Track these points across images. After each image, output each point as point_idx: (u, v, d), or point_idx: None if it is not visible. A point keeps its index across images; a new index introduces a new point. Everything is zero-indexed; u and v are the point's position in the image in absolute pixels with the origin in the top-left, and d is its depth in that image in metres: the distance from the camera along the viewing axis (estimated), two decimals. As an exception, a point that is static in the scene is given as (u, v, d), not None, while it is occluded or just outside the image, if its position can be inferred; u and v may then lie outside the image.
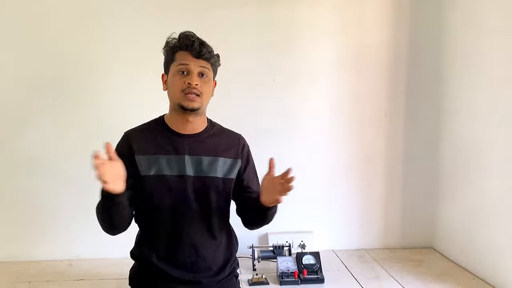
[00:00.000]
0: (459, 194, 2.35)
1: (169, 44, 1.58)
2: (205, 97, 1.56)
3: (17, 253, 2.37)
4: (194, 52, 1.53)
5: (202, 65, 1.54)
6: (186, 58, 1.53)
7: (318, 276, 2.07)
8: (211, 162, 1.59)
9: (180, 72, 1.53)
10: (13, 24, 2.31)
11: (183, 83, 1.52)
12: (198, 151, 1.59)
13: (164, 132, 1.60)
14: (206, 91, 1.56)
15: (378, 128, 2.55)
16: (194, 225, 1.59)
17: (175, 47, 1.56)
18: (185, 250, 1.58)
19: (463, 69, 2.32)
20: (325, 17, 2.47)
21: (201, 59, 1.54)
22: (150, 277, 1.61)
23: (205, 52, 1.54)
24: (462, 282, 2.10)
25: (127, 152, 1.56)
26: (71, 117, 2.38)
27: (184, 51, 1.54)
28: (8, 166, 2.36)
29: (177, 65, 1.54)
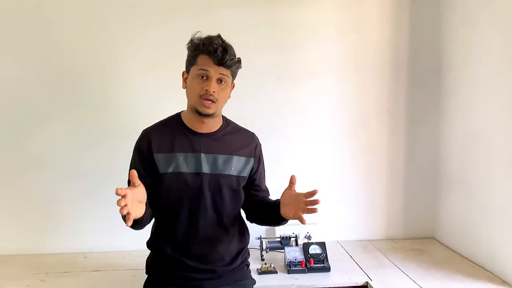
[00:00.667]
0: (459, 186, 2.43)
1: (193, 42, 1.62)
2: (220, 102, 1.63)
3: (33, 246, 2.46)
4: (215, 59, 1.57)
5: (222, 72, 1.59)
6: (207, 63, 1.58)
7: (324, 265, 2.15)
8: (226, 160, 1.67)
9: (200, 76, 1.58)
10: (28, 26, 2.39)
11: (201, 89, 1.57)
12: (213, 149, 1.66)
13: (181, 130, 1.68)
14: (222, 97, 1.62)
15: (381, 123, 2.63)
16: (208, 220, 1.67)
17: (197, 50, 1.60)
18: (200, 243, 1.66)
19: (461, 66, 2.39)
20: (328, 17, 2.55)
21: (222, 66, 1.58)
22: (166, 266, 1.70)
23: (227, 59, 1.57)
24: (462, 269, 2.18)
25: (146, 150, 1.65)
26: (85, 115, 2.46)
27: (207, 56, 1.57)
28: (25, 162, 2.44)
29: (198, 69, 1.59)
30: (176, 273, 1.68)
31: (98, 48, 2.45)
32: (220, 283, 1.70)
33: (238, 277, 1.76)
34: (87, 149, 2.47)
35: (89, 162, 2.47)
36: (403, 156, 2.66)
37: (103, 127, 2.46)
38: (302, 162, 2.61)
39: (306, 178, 2.58)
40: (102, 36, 2.44)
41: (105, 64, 2.45)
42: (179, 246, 1.66)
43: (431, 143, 2.65)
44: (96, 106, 2.46)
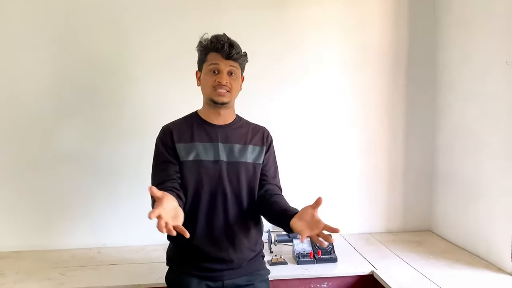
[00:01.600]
0: (454, 181, 2.57)
1: (202, 43, 1.77)
2: (234, 92, 1.76)
3: (47, 242, 2.53)
4: (224, 54, 1.72)
5: (231, 64, 1.74)
6: (217, 58, 1.73)
7: (331, 256, 2.27)
8: (242, 149, 1.78)
9: (212, 71, 1.73)
10: (48, 25, 2.47)
11: (214, 81, 1.71)
12: (230, 139, 1.78)
13: (199, 123, 1.79)
14: (234, 87, 1.76)
15: (381, 120, 2.75)
16: (228, 206, 1.75)
17: (206, 49, 1.75)
18: (221, 227, 1.74)
19: (457, 67, 2.53)
20: (331, 18, 2.66)
21: (230, 59, 1.73)
22: (188, 256, 1.77)
23: (234, 53, 1.73)
24: (459, 258, 2.32)
25: (170, 141, 1.74)
26: (100, 114, 2.54)
27: (215, 52, 1.73)
28: (40, 160, 2.51)
29: (209, 65, 1.73)
30: (197, 264, 1.76)
31: (115, 47, 2.53)
32: (238, 273, 1.79)
33: (255, 267, 1.84)
34: (101, 147, 2.54)
35: (103, 160, 2.54)
36: (401, 153, 2.79)
37: (118, 126, 2.54)
38: (305, 159, 2.72)
39: (309, 174, 2.72)
40: (120, 35, 2.53)
41: (121, 64, 2.54)
42: (201, 233, 1.74)
43: (428, 140, 2.78)
44: (112, 106, 2.54)
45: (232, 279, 1.77)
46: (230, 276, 1.77)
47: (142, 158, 2.50)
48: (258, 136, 1.85)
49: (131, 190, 2.56)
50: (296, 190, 2.65)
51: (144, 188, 2.51)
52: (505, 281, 2.06)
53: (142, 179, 2.48)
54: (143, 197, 2.51)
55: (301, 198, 2.65)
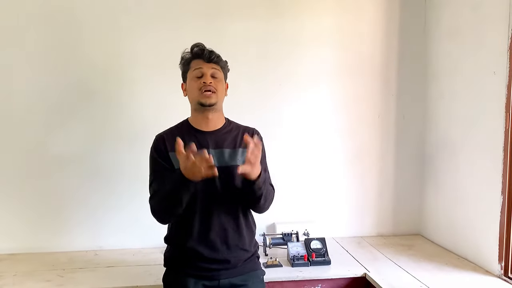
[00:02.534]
0: (443, 186, 2.66)
1: (184, 57, 1.88)
2: (219, 94, 1.83)
3: (44, 245, 2.55)
4: (205, 58, 1.82)
5: (213, 67, 1.83)
6: (199, 63, 1.83)
7: (325, 258, 2.33)
8: (232, 153, 1.83)
9: (196, 76, 1.81)
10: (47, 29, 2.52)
11: (199, 84, 1.80)
12: (220, 144, 1.83)
13: (190, 131, 1.85)
14: (219, 88, 1.83)
15: (372, 128, 2.83)
16: (221, 209, 1.81)
17: (189, 58, 1.86)
18: (215, 231, 1.80)
19: (445, 76, 2.62)
20: (325, 30, 2.74)
21: (211, 63, 1.83)
22: (184, 258, 1.82)
23: (214, 57, 1.84)
24: (448, 261, 2.40)
25: (164, 151, 1.81)
26: (99, 118, 2.58)
27: (197, 59, 1.84)
28: (37, 163, 2.53)
29: (193, 70, 1.83)
30: (194, 264, 1.81)
31: (112, 50, 2.57)
32: (234, 273, 1.84)
33: (251, 267, 1.90)
34: (98, 150, 2.58)
35: (100, 163, 2.58)
36: (392, 158, 2.87)
37: (116, 129, 2.58)
38: (298, 164, 2.78)
39: (302, 179, 2.79)
40: (119, 41, 2.58)
41: (119, 67, 2.58)
42: (196, 237, 1.79)
43: (417, 147, 2.87)
44: (110, 109, 2.58)
45: (228, 278, 1.82)
46: (226, 275, 1.82)
47: (139, 161, 2.51)
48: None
49: (127, 193, 2.60)
50: (288, 194, 2.73)
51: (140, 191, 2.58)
52: (492, 283, 2.14)
53: (139, 182, 2.54)
54: (139, 200, 2.58)
55: (293, 202, 2.76)
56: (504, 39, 2.13)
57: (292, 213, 2.77)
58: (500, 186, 2.17)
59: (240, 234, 1.86)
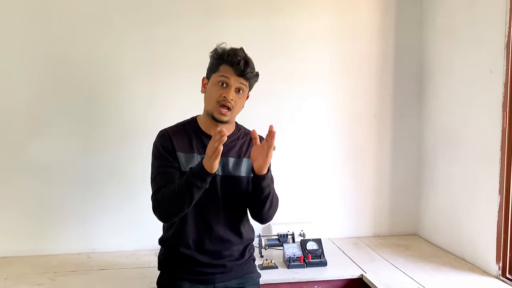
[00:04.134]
0: (440, 186, 2.63)
1: (217, 52, 1.74)
2: (236, 110, 1.75)
3: (36, 248, 2.50)
4: (237, 70, 1.68)
5: (241, 82, 1.71)
6: (229, 72, 1.69)
7: (321, 259, 2.30)
8: (236, 163, 1.78)
9: (220, 83, 1.70)
10: (30, 28, 2.45)
11: (219, 95, 1.69)
12: (226, 153, 1.75)
13: (198, 133, 1.78)
14: (238, 105, 1.74)
15: (368, 127, 2.80)
16: (220, 219, 1.77)
17: (221, 59, 1.71)
18: (212, 240, 1.76)
19: (441, 74, 2.59)
20: (321, 28, 2.71)
21: (242, 77, 1.70)
22: (179, 262, 1.79)
23: (247, 72, 1.70)
24: (446, 262, 2.37)
25: (170, 147, 1.73)
26: (91, 119, 2.54)
27: (229, 66, 1.69)
28: (28, 165, 2.49)
29: (219, 76, 1.70)
30: (188, 268, 1.78)
31: (100, 53, 2.52)
32: (230, 277, 1.81)
33: (246, 270, 1.87)
34: (89, 153, 2.54)
35: (91, 165, 2.54)
36: (388, 158, 2.85)
37: (110, 130, 2.54)
38: (295, 165, 2.75)
39: (297, 179, 2.76)
40: (105, 42, 2.52)
41: (107, 70, 2.53)
42: (192, 244, 1.76)
43: (414, 146, 2.84)
44: (100, 110, 2.54)
45: (223, 282, 1.79)
46: (221, 279, 1.79)
47: (132, 162, 2.52)
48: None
49: (121, 194, 2.56)
50: (284, 195, 2.67)
51: (135, 193, 2.54)
52: (490, 283, 2.11)
53: (133, 183, 2.53)
54: (133, 201, 2.55)
55: (289, 203, 2.72)
56: (501, 36, 2.11)
57: (288, 214, 2.71)
58: (498, 185, 2.15)
59: (238, 241, 1.83)
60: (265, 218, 1.83)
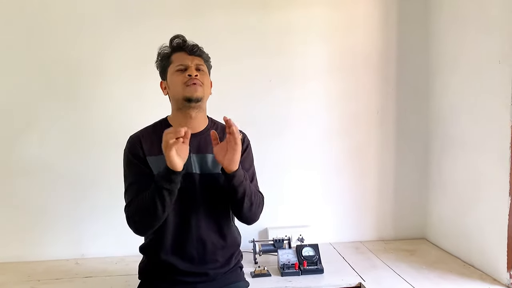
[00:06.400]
0: (448, 186, 2.46)
1: (162, 52, 1.71)
2: (206, 88, 1.67)
3: (23, 254, 2.42)
4: (188, 50, 1.67)
5: (196, 61, 1.67)
6: (182, 56, 1.68)
7: (317, 267, 2.16)
8: (215, 159, 1.65)
9: (179, 70, 1.65)
10: (19, 28, 2.38)
11: (183, 77, 1.63)
12: (202, 149, 1.67)
13: None
14: (205, 82, 1.67)
15: (371, 125, 2.65)
16: (201, 220, 1.67)
17: (169, 52, 1.70)
18: (193, 245, 1.66)
19: (449, 67, 2.42)
20: (317, 21, 2.56)
21: (195, 55, 1.68)
22: (159, 270, 1.69)
23: (196, 49, 1.69)
24: (453, 268, 2.20)
25: (141, 153, 1.65)
26: (78, 123, 2.45)
27: (179, 52, 1.69)
28: (13, 169, 2.41)
29: (176, 65, 1.66)
30: (169, 277, 1.68)
31: (88, 53, 2.43)
32: (213, 286, 1.70)
33: (232, 279, 1.76)
34: (76, 155, 2.45)
35: (79, 169, 2.45)
36: (393, 157, 2.68)
37: (96, 134, 2.45)
38: (292, 165, 2.62)
39: (297, 180, 2.62)
40: (94, 41, 2.43)
41: (94, 71, 2.44)
42: (171, 249, 1.66)
43: (421, 144, 2.67)
44: (88, 113, 2.45)
45: None
46: None
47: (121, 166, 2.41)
48: None
49: (110, 198, 2.44)
50: (281, 197, 2.58)
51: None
52: (500, 293, 1.95)
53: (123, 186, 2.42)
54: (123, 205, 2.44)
55: (287, 206, 2.59)
56: (510, 25, 1.94)
57: (285, 218, 2.60)
58: (508, 186, 1.98)
59: (223, 246, 1.72)
60: (249, 218, 1.72)
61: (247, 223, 1.76)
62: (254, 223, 1.76)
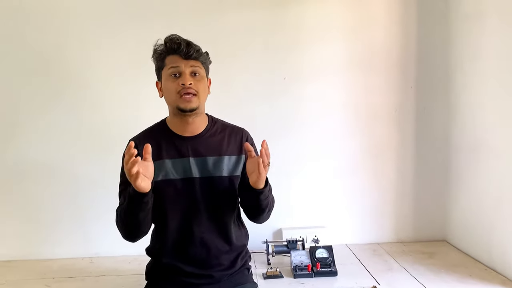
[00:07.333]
0: (470, 187, 2.37)
1: (157, 51, 1.62)
2: (201, 95, 1.59)
3: (40, 251, 2.46)
4: (182, 54, 1.56)
5: (192, 64, 1.58)
6: (176, 60, 1.57)
7: (331, 269, 2.10)
8: (216, 162, 1.63)
9: (173, 75, 1.57)
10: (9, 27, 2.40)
11: (177, 85, 1.56)
12: (202, 152, 1.63)
13: (167, 135, 1.64)
14: (201, 89, 1.59)
15: (389, 124, 2.57)
16: (204, 225, 1.64)
17: (163, 53, 1.60)
18: (196, 249, 1.63)
19: (471, 63, 2.33)
20: (334, 16, 2.50)
21: (190, 59, 1.57)
22: (164, 272, 1.68)
23: (192, 52, 1.57)
24: (473, 272, 2.12)
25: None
26: (90, 120, 2.46)
27: (173, 54, 1.58)
28: (29, 168, 2.45)
29: (168, 68, 1.58)
30: (173, 279, 1.66)
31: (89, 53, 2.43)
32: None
33: (238, 281, 1.72)
34: (93, 155, 2.46)
35: (96, 167, 2.46)
36: (412, 156, 2.60)
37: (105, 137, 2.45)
38: (309, 164, 2.57)
39: (313, 179, 2.57)
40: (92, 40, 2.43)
41: (92, 69, 2.44)
42: (176, 253, 1.64)
43: (441, 143, 2.58)
44: (101, 109, 2.46)
45: None
46: None
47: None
48: (236, 142, 1.69)
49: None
50: (296, 198, 2.54)
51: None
52: (523, 300, 1.86)
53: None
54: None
55: (302, 206, 2.54)
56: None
57: (300, 218, 2.56)
58: (532, 187, 1.89)
59: (226, 251, 1.68)
60: (263, 221, 1.72)
61: (258, 223, 1.74)
62: (263, 222, 1.75)
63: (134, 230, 1.57)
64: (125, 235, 1.59)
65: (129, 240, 1.61)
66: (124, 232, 1.58)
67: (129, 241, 1.61)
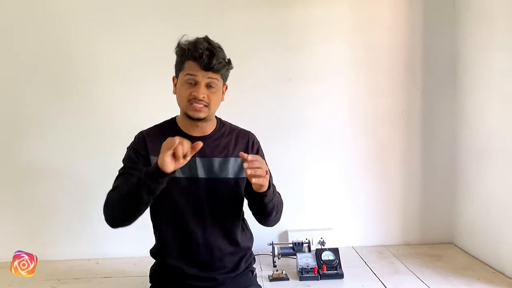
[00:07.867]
0: (478, 189, 2.35)
1: (180, 47, 1.57)
2: (212, 106, 1.57)
3: (47, 252, 2.43)
4: (202, 65, 1.51)
5: (210, 76, 1.53)
6: (194, 69, 1.52)
7: (337, 271, 2.09)
8: (222, 163, 1.63)
9: (188, 82, 1.54)
10: (20, 27, 2.40)
11: (189, 94, 1.53)
12: (209, 152, 1.62)
13: (176, 133, 1.58)
14: (213, 100, 1.56)
15: (396, 125, 2.56)
16: (208, 226, 1.63)
17: (183, 55, 1.55)
18: (200, 250, 1.62)
19: (478, 65, 2.31)
20: (340, 18, 2.49)
21: (209, 71, 1.52)
22: (167, 274, 1.67)
23: (214, 64, 1.51)
24: (481, 276, 2.10)
25: (144, 152, 1.60)
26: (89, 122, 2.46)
27: (193, 61, 1.52)
28: (35, 169, 2.45)
29: (185, 74, 1.54)
30: (177, 281, 1.65)
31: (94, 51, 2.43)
32: None
33: (242, 283, 1.70)
34: (97, 155, 2.47)
35: (102, 168, 2.43)
36: (419, 158, 2.58)
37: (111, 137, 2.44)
38: (315, 166, 2.56)
39: (319, 181, 2.56)
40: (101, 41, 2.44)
41: (98, 70, 2.44)
42: (178, 254, 1.63)
43: (449, 145, 2.56)
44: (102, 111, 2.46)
45: None
46: None
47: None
48: (242, 144, 1.69)
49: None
50: (302, 199, 2.53)
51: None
52: (532, 304, 1.84)
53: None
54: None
55: (308, 208, 2.53)
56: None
57: (306, 220, 2.54)
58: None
59: (229, 253, 1.67)
60: (271, 224, 1.71)
61: (268, 227, 1.73)
62: (274, 225, 1.73)
63: (129, 214, 1.49)
64: (112, 215, 1.53)
65: (113, 223, 1.54)
66: (117, 211, 1.51)
67: (113, 224, 1.54)
